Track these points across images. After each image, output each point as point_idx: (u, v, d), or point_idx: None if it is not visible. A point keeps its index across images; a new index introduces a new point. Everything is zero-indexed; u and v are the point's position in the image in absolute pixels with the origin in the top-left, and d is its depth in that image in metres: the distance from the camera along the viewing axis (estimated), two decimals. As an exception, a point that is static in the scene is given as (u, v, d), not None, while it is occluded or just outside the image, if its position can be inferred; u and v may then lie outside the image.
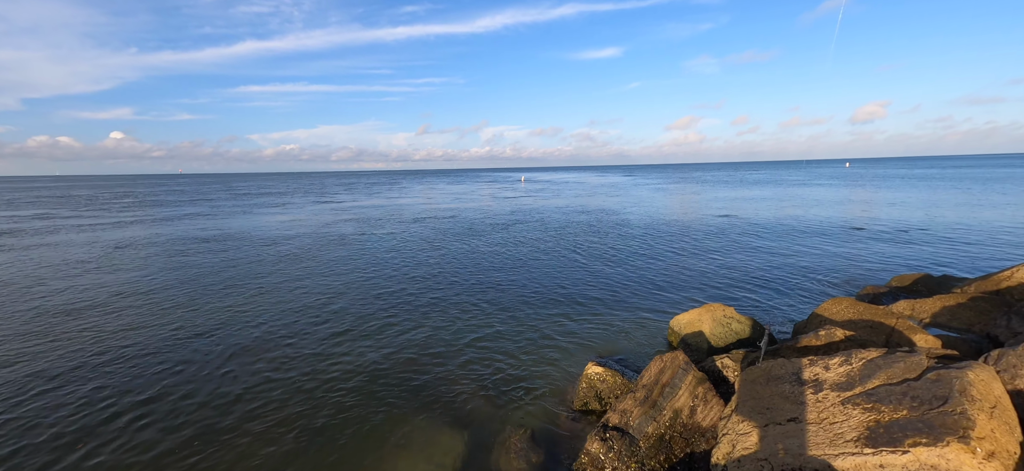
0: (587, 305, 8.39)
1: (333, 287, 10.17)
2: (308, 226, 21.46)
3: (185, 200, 43.18)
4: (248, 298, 9.38)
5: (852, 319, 5.42)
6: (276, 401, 5.29)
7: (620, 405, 4.15)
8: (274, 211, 30.33)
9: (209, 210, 31.23)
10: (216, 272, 11.82)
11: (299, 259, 13.35)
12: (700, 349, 5.87)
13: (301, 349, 6.74)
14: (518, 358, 6.27)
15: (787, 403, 3.32)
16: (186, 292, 9.90)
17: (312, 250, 14.82)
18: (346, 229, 20.01)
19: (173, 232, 20.02)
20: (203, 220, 24.76)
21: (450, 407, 5.14)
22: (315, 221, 23.78)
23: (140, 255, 14.44)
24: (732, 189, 42.61)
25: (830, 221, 18.36)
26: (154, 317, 8.27)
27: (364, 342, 6.97)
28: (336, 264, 12.56)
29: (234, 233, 19.35)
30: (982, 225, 16.04)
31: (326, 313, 8.35)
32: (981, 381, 2.77)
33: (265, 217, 26.10)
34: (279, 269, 12.05)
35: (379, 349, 6.71)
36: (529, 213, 24.96)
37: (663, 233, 16.65)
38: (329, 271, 11.77)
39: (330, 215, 26.61)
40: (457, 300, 8.94)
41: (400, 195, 45.98)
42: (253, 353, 6.63)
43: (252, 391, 5.52)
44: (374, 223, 22.25)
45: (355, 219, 24.37)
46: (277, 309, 8.62)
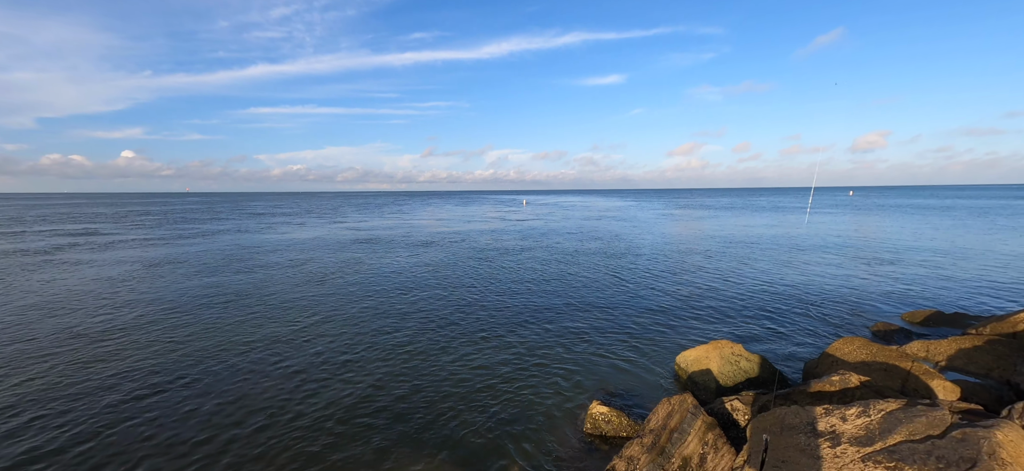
0: (592, 336, 8.22)
1: (345, 312, 10.07)
2: (324, 248, 21.52)
3: (208, 217, 43.46)
4: (263, 321, 9.26)
5: (865, 361, 5.25)
6: (272, 428, 5.13)
7: (626, 451, 3.98)
8: (293, 230, 30.52)
9: (234, 227, 31.34)
10: (231, 293, 11.73)
11: (316, 281, 13.32)
12: (708, 388, 5.69)
13: (309, 374, 6.59)
14: (522, 391, 6.09)
15: (803, 457, 3.16)
16: (207, 312, 9.80)
17: (326, 273, 14.81)
18: (360, 252, 20.00)
19: (201, 249, 20.02)
20: (228, 236, 24.82)
21: (451, 440, 4.97)
22: (331, 242, 23.87)
23: (176, 273, 14.40)
24: (735, 215, 42.52)
25: (836, 251, 18.18)
26: (192, 336, 8.15)
27: (371, 367, 6.82)
28: (349, 288, 12.48)
29: (257, 253, 19.35)
30: (987, 258, 15.84)
31: (334, 339, 8.21)
32: (1010, 443, 2.62)
33: (283, 237, 26.13)
34: (296, 291, 11.95)
35: (382, 375, 6.55)
36: (535, 238, 24.88)
37: (668, 260, 16.51)
38: (341, 295, 11.71)
39: (344, 237, 26.67)
40: (461, 327, 8.79)
41: (409, 217, 46.15)
42: (260, 376, 6.48)
43: (253, 414, 5.37)
44: (386, 245, 22.25)
45: (368, 241, 24.41)
46: (290, 331, 8.52)
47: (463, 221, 38.77)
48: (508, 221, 37.90)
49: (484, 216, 45.52)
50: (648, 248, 20.19)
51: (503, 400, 5.89)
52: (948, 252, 17.52)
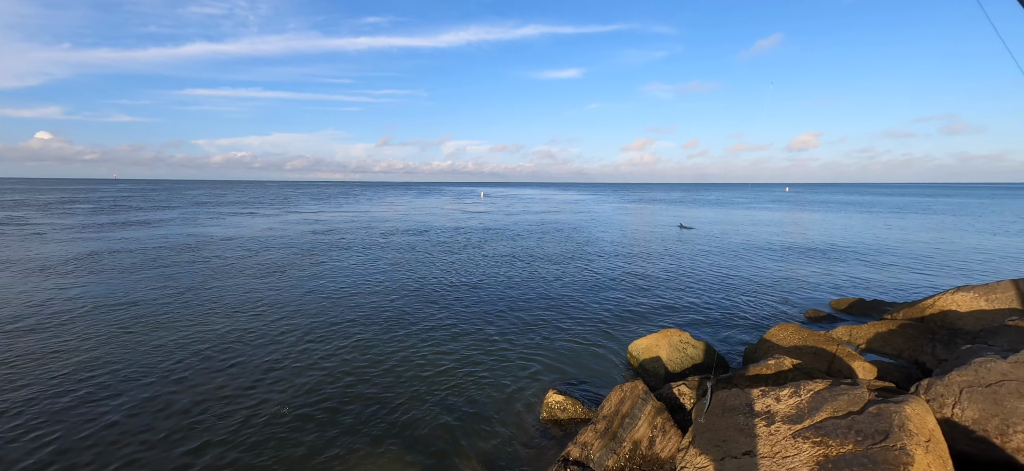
0: (550, 327, 8.37)
1: (300, 304, 9.65)
2: (278, 238, 20.55)
3: (148, 206, 40.07)
4: (216, 314, 8.69)
5: (798, 345, 5.69)
6: (226, 422, 4.86)
7: (581, 437, 4.11)
8: (243, 219, 28.88)
9: (178, 216, 29.05)
10: (183, 285, 10.92)
11: (271, 272, 12.65)
12: (658, 375, 5.96)
13: (264, 367, 6.28)
14: (480, 382, 6.12)
15: (741, 435, 3.38)
16: (150, 306, 9.06)
17: (282, 264, 14.15)
18: (316, 243, 19.28)
19: (146, 239, 18.41)
20: (174, 226, 22.96)
21: (407, 432, 4.92)
22: (285, 232, 22.83)
23: (122, 264, 13.13)
24: (686, 208, 44.51)
25: (775, 243, 19.48)
26: (145, 332, 7.48)
27: (323, 362, 6.59)
28: (305, 280, 11.99)
29: (207, 243, 18.08)
30: (903, 250, 17.53)
31: (289, 331, 7.87)
32: (917, 415, 2.93)
33: (234, 226, 24.57)
34: (250, 282, 11.30)
35: (335, 369, 6.36)
36: (495, 230, 24.91)
37: (623, 253, 17.05)
38: (296, 286, 11.24)
39: (299, 227, 25.57)
40: (419, 320, 8.68)
41: (366, 207, 44.82)
42: (203, 374, 6.10)
43: (195, 409, 5.05)
44: (343, 236, 21.55)
45: (324, 231, 23.54)
46: (244, 324, 8.06)
47: (422, 213, 38.17)
48: (467, 213, 37.71)
49: (443, 208, 45.02)
50: (604, 241, 20.75)
51: (461, 391, 5.89)
52: (870, 245, 19.21)
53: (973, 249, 18.11)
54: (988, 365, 3.56)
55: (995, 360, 3.59)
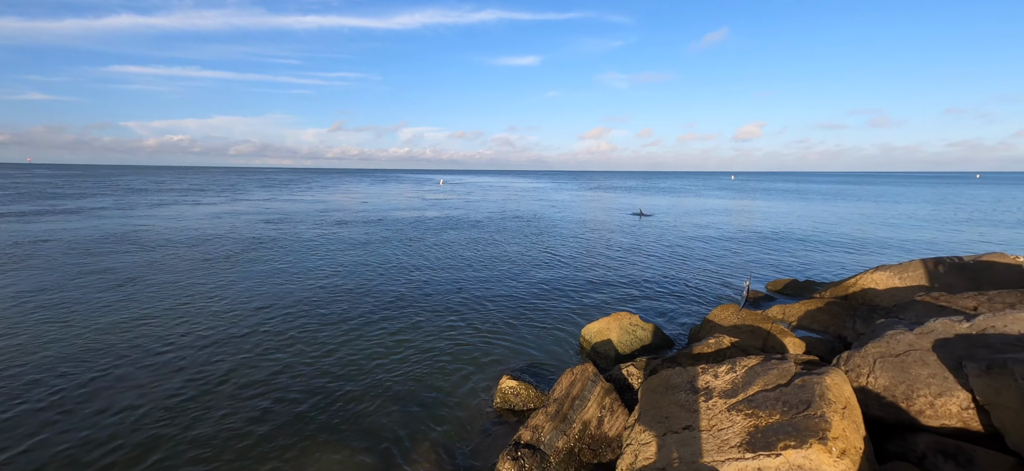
0: (505, 313, 8.42)
1: (248, 295, 9.13)
2: (227, 227, 19.30)
3: (74, 194, 36.30)
4: (157, 307, 8.04)
5: (737, 325, 6.04)
6: (174, 418, 4.55)
7: (532, 421, 4.18)
8: (187, 208, 26.88)
9: (112, 204, 26.50)
10: (123, 276, 10.00)
11: (219, 263, 11.83)
12: (608, 357, 6.15)
13: (209, 360, 5.89)
14: (430, 371, 6.08)
15: (682, 411, 3.56)
16: (86, 299, 8.23)
17: (230, 254, 13.33)
18: (267, 232, 18.33)
19: (77, 228, 16.64)
20: (108, 214, 20.91)
21: (358, 422, 4.82)
22: (234, 221, 21.52)
23: (47, 255, 11.77)
24: (641, 196, 45.91)
25: (720, 228, 20.51)
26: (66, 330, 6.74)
27: (276, 353, 6.30)
28: (254, 270, 11.35)
29: (147, 232, 16.63)
30: (832, 234, 18.97)
31: (235, 324, 7.43)
32: (835, 385, 3.18)
33: (177, 215, 22.78)
34: (196, 273, 10.52)
35: (288, 360, 6.10)
36: (454, 218, 24.67)
37: (579, 239, 17.37)
38: (245, 277, 10.64)
39: (249, 215, 24.18)
40: (373, 309, 8.48)
41: (320, 195, 43.03)
42: (148, 370, 5.66)
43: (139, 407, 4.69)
44: (296, 225, 20.60)
45: (276, 220, 22.39)
46: (188, 315, 7.51)
47: (379, 200, 37.16)
48: (426, 201, 37.10)
49: (401, 196, 44.03)
50: (561, 228, 21.06)
51: (415, 380, 5.83)
52: (805, 229, 20.62)
53: (891, 232, 19.87)
54: (897, 337, 3.91)
55: (904, 332, 3.95)
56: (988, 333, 3.64)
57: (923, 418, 3.40)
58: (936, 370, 3.49)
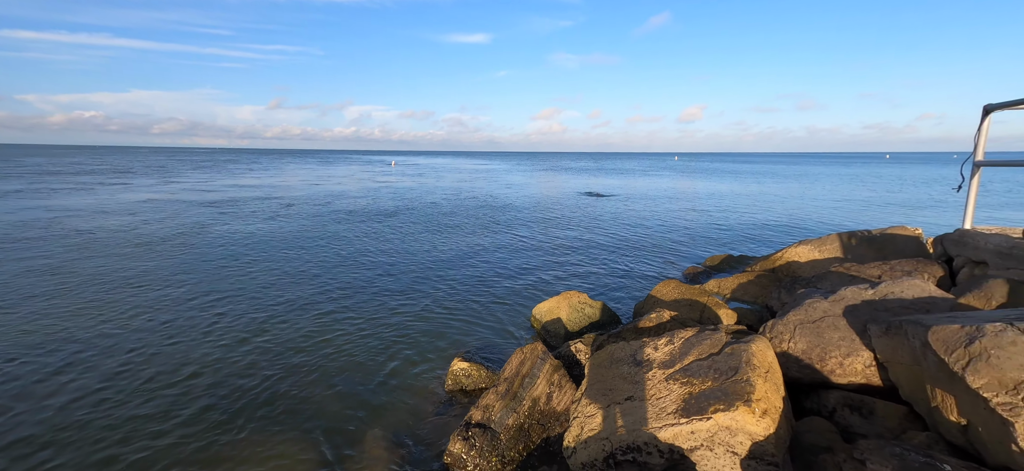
0: (457, 297, 8.40)
1: (183, 285, 8.43)
2: (160, 211, 17.60)
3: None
4: (83, 298, 7.22)
5: (677, 299, 6.39)
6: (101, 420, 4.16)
7: (483, 401, 4.23)
8: (113, 191, 24.24)
9: (26, 186, 23.27)
10: (41, 267, 8.86)
11: (154, 250, 10.76)
12: (558, 335, 6.31)
13: (148, 354, 5.42)
14: (380, 357, 5.99)
15: (625, 383, 3.73)
16: None
17: (168, 240, 12.19)
18: (205, 216, 16.98)
19: None
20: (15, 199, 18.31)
21: (298, 417, 4.67)
22: (168, 205, 19.70)
23: None
24: (590, 177, 46.93)
25: (664, 207, 21.46)
26: None
27: (217, 346, 5.91)
28: (195, 258, 10.46)
29: (65, 218, 14.76)
30: (764, 211, 20.39)
31: (175, 315, 6.87)
32: (760, 351, 3.45)
33: (101, 199, 20.43)
34: (123, 262, 9.53)
35: (229, 354, 5.76)
36: (407, 200, 24.08)
37: (530, 220, 17.55)
38: (186, 265, 9.79)
39: (185, 199, 22.29)
40: (321, 296, 8.16)
41: (263, 177, 40.35)
42: (74, 367, 5.12)
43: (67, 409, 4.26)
44: (238, 208, 19.24)
45: (215, 203, 20.82)
46: (124, 309, 6.84)
47: (327, 182, 35.51)
48: (378, 183, 35.89)
49: (350, 178, 42.31)
50: (514, 209, 21.16)
51: (363, 368, 5.72)
52: (740, 206, 22.01)
53: (813, 208, 21.65)
54: (814, 304, 4.29)
55: (820, 300, 4.33)
56: (888, 298, 4.08)
57: (834, 377, 3.78)
58: (845, 333, 3.87)
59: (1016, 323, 2.80)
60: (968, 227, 5.55)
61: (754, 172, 58.38)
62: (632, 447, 3.22)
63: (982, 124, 5.23)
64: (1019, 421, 2.47)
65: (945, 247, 5.84)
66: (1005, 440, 2.52)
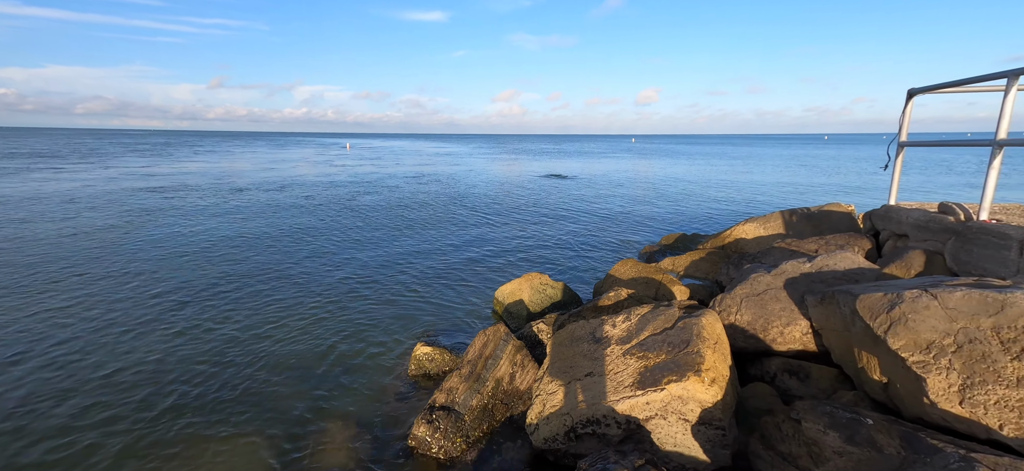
0: (419, 282, 8.32)
1: (136, 275, 7.80)
2: (98, 199, 16.05)
3: None
4: (18, 291, 6.52)
5: (634, 277, 6.62)
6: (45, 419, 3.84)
7: (446, 384, 4.25)
8: (43, 178, 21.82)
9: None
10: None
11: (97, 238, 9.83)
12: (520, 317, 6.40)
13: (97, 347, 5.00)
14: (342, 345, 5.87)
15: (585, 360, 3.86)
16: None
17: (112, 228, 11.12)
18: (151, 203, 15.81)
19: None
20: None
21: (257, 410, 4.52)
22: (107, 192, 18.01)
23: None
24: (551, 159, 47.25)
25: (623, 188, 22.00)
26: None
27: (170, 340, 5.56)
28: (141, 247, 9.67)
29: None
30: (716, 190, 21.34)
31: (122, 307, 6.37)
32: (709, 324, 3.65)
33: (31, 187, 18.36)
34: (66, 251, 8.66)
35: (183, 347, 5.44)
36: (364, 185, 23.34)
37: (491, 204, 17.52)
38: (131, 254, 9.02)
39: (125, 184, 20.51)
40: (278, 285, 7.84)
41: (210, 160, 37.76)
42: (9, 365, 4.65)
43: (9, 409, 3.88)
44: (185, 194, 17.96)
45: (160, 189, 19.33)
46: (66, 300, 6.23)
47: (279, 166, 33.80)
48: (334, 166, 34.55)
49: (304, 161, 40.47)
50: (476, 192, 21.04)
51: (323, 356, 5.59)
52: (694, 186, 22.91)
53: (759, 187, 22.88)
54: (759, 278, 4.57)
55: (763, 274, 4.61)
56: (823, 271, 4.40)
57: (775, 345, 4.06)
58: (786, 304, 4.15)
59: (930, 289, 3.10)
60: (892, 203, 6.04)
61: (706, 154, 60.75)
62: (592, 420, 3.35)
63: (906, 107, 5.67)
64: (930, 377, 2.76)
65: (873, 222, 6.35)
66: (918, 394, 2.82)
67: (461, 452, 3.84)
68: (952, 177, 26.48)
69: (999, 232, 4.14)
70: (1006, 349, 2.64)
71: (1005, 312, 2.73)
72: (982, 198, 4.59)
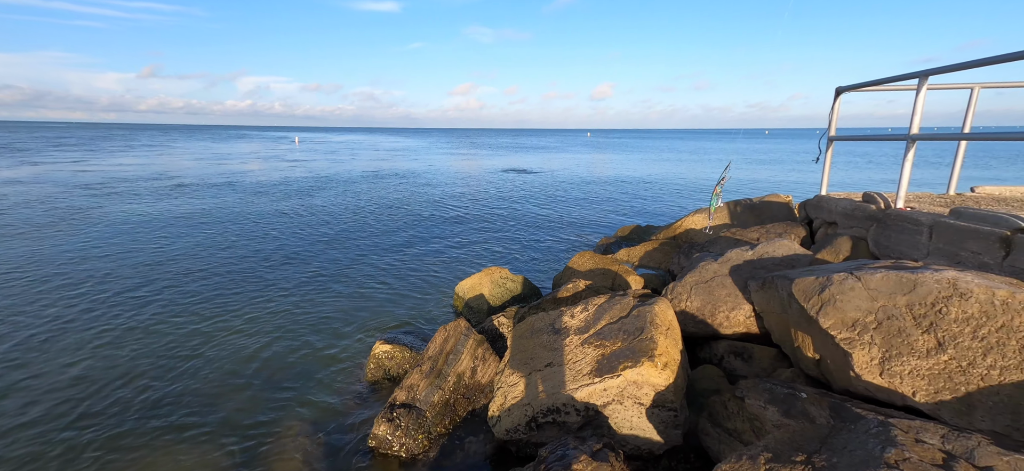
0: (378, 280, 8.14)
1: (68, 276, 7.06)
2: (27, 194, 14.30)
3: None
4: None
5: (592, 268, 6.79)
6: None
7: (407, 381, 4.21)
8: None
9: None
10: None
11: (22, 237, 8.76)
12: (481, 311, 6.42)
13: (23, 354, 4.49)
14: (296, 347, 5.66)
15: (545, 351, 3.93)
16: None
17: (40, 227, 9.97)
18: (83, 201, 14.40)
19: None
20: None
21: (207, 420, 4.29)
22: (38, 189, 16.09)
23: None
24: (509, 153, 47.36)
25: (578, 182, 22.44)
26: None
27: (106, 348, 5.10)
28: (75, 247, 8.74)
29: None
30: (666, 183, 22.21)
31: (54, 311, 5.76)
32: (661, 311, 3.82)
33: None
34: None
35: (107, 357, 5.03)
36: (318, 180, 22.42)
37: (450, 199, 17.37)
38: (63, 254, 8.13)
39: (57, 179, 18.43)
40: (227, 286, 7.41)
41: (147, 156, 34.85)
42: None
43: None
44: (121, 191, 16.46)
45: (93, 186, 17.67)
46: None
47: (225, 162, 31.80)
48: (282, 163, 32.91)
49: (252, 155, 38.34)
50: (435, 187, 20.77)
51: (277, 360, 5.37)
52: (647, 179, 23.71)
53: (707, 179, 24.01)
54: (707, 266, 4.81)
55: (711, 262, 4.87)
56: (764, 257, 4.70)
57: (722, 328, 4.30)
58: (731, 290, 4.41)
59: (855, 272, 3.40)
60: (824, 193, 6.54)
61: (657, 148, 63.00)
62: (552, 409, 3.43)
63: (834, 104, 6.14)
64: (855, 352, 3.03)
65: (807, 211, 6.84)
66: (846, 368, 3.09)
67: (423, 449, 3.83)
68: (872, 171, 28.93)
69: (912, 218, 4.59)
70: (918, 324, 2.94)
71: (917, 291, 3.04)
72: (898, 188, 5.06)
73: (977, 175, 24.19)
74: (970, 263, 4.00)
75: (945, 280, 2.99)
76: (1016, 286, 2.88)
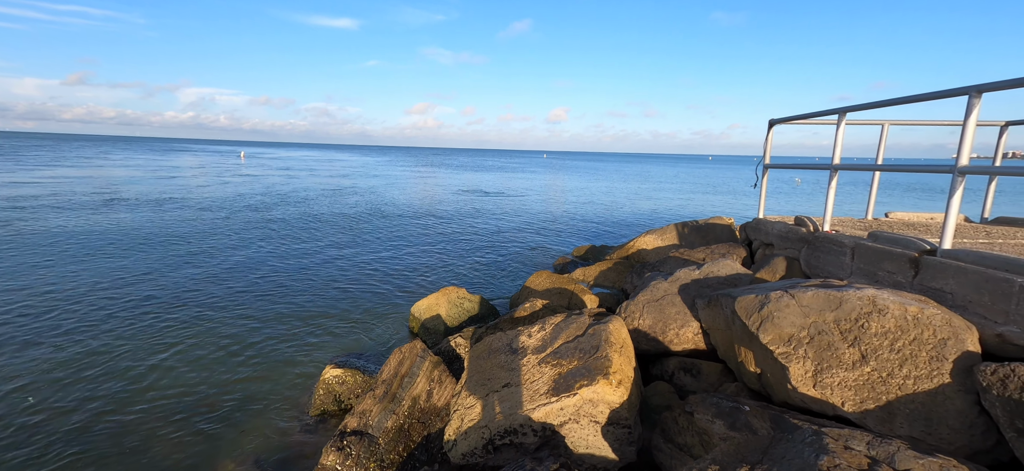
0: (327, 300, 7.82)
1: None
2: None
3: None
4: None
5: (549, 288, 6.88)
6: None
7: (359, 407, 4.05)
8: None
9: None
10: None
11: None
12: (438, 332, 6.31)
13: None
14: (241, 372, 5.30)
15: (502, 371, 3.92)
16: None
17: None
18: (4, 214, 12.65)
19: None
20: None
21: (141, 453, 3.90)
22: None
23: None
24: (466, 173, 47.42)
25: (534, 203, 22.79)
26: None
27: (29, 379, 4.50)
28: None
29: None
30: (620, 204, 23.01)
31: None
32: (616, 330, 3.93)
33: None
34: None
35: (25, 394, 4.46)
36: (268, 197, 21.35)
37: (406, 218, 17.10)
38: None
39: None
40: (165, 311, 6.83)
41: (75, 168, 31.73)
42: None
43: None
44: (47, 206, 14.73)
45: (15, 199, 15.61)
46: None
47: (160, 177, 29.64)
48: (226, 180, 31.15)
49: (196, 170, 36.02)
50: (390, 206, 20.38)
51: (222, 388, 5.00)
52: (601, 201, 24.45)
53: (656, 202, 25.13)
54: (657, 285, 5.00)
55: (661, 281, 5.07)
56: (710, 277, 4.96)
57: (672, 345, 4.47)
58: (680, 308, 4.60)
59: (789, 290, 3.66)
60: (761, 216, 7.01)
61: (610, 170, 65.32)
62: (509, 430, 3.41)
63: (768, 134, 6.65)
64: (791, 365, 3.24)
65: (747, 233, 7.30)
66: (784, 381, 3.29)
67: (375, 478, 3.67)
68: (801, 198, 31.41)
69: (837, 241, 5.02)
70: (844, 338, 3.20)
71: (842, 307, 3.32)
72: (825, 212, 5.53)
73: (887, 202, 26.86)
74: (886, 281, 4.41)
75: (866, 297, 3.28)
76: (924, 302, 3.21)
